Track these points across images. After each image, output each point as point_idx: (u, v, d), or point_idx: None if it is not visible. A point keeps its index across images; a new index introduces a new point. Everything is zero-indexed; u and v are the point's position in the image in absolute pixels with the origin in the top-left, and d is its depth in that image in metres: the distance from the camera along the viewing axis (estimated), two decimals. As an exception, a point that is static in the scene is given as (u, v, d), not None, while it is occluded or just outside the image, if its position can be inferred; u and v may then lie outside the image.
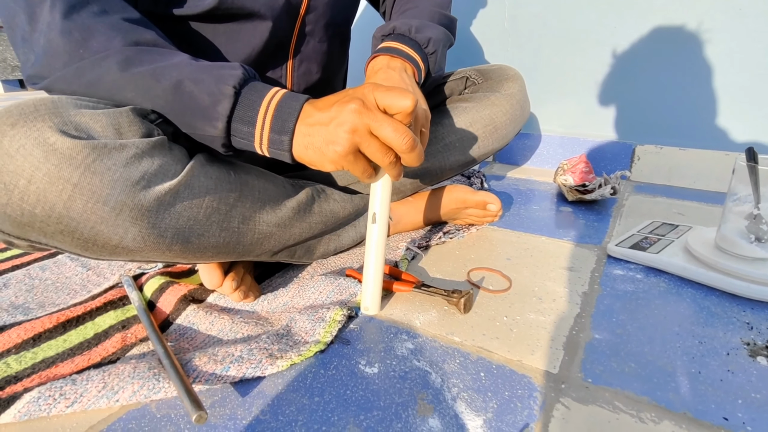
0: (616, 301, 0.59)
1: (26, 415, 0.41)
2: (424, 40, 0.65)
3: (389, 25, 0.66)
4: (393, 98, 0.44)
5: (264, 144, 0.47)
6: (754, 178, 0.58)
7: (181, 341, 0.53)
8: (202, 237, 0.47)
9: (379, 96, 0.45)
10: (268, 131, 0.46)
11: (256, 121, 0.46)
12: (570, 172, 0.97)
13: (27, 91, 2.30)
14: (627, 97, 1.10)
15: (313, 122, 0.45)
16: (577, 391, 0.44)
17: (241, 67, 0.47)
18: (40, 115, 0.38)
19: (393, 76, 0.59)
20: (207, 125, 0.46)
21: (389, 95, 0.44)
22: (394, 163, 0.46)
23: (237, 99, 0.45)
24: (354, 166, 0.46)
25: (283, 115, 0.46)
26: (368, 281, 0.56)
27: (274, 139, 0.46)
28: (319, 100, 0.47)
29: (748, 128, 1.00)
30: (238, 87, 0.45)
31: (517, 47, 1.21)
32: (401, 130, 0.44)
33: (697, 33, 0.99)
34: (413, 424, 0.41)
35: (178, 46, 0.50)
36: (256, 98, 0.46)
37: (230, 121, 0.46)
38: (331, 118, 0.44)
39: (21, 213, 0.37)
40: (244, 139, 0.47)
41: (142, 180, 0.41)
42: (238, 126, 0.46)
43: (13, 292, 0.63)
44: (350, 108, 0.43)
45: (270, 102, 0.46)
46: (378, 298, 0.56)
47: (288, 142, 0.46)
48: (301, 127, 0.46)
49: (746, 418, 0.40)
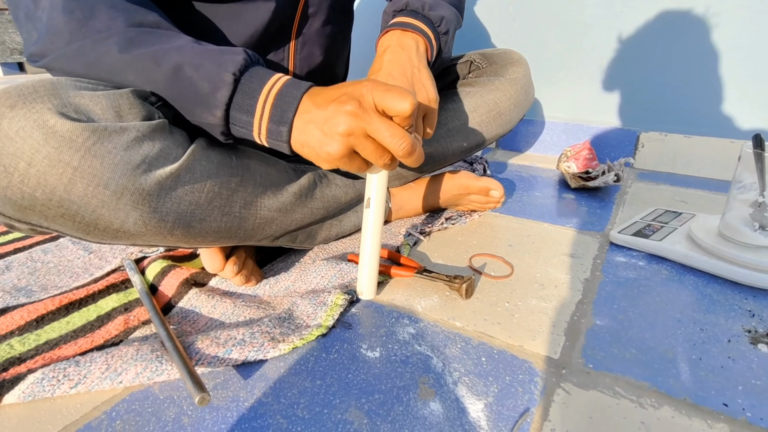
0: (617, 288, 0.59)
1: (30, 396, 0.42)
2: (438, 18, 0.63)
3: (402, 1, 0.64)
4: (391, 100, 0.42)
5: (263, 134, 0.46)
6: (760, 165, 0.58)
7: (183, 324, 0.53)
8: (204, 222, 0.47)
9: (378, 96, 0.43)
10: (267, 121, 0.45)
11: (255, 109, 0.44)
12: (573, 158, 0.96)
13: (26, 74, 2.29)
14: (632, 83, 1.09)
15: (309, 120, 0.44)
16: (577, 376, 0.44)
17: (244, 52, 0.45)
18: (39, 96, 0.37)
19: (401, 57, 0.58)
20: (206, 112, 0.45)
21: (388, 96, 0.42)
22: (389, 163, 0.45)
23: (236, 86, 0.44)
24: (349, 166, 0.45)
25: (282, 104, 0.44)
26: (363, 266, 0.56)
27: (272, 129, 0.45)
28: (318, 93, 0.45)
29: (754, 115, 0.99)
30: (239, 73, 0.44)
31: (522, 31, 1.19)
32: (398, 135, 0.43)
33: (705, 18, 0.97)
34: (414, 407, 0.41)
35: (179, 28, 0.49)
36: (256, 86, 0.44)
37: (229, 109, 0.45)
38: (327, 119, 0.43)
39: (21, 196, 0.37)
40: (243, 127, 0.46)
41: (143, 164, 0.41)
42: (236, 114, 0.45)
43: (16, 275, 0.64)
44: (346, 109, 0.42)
45: (270, 90, 0.44)
46: (373, 283, 0.57)
47: (287, 132, 0.45)
48: (299, 122, 0.44)
49: (746, 404, 0.40)
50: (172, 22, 0.50)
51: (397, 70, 0.57)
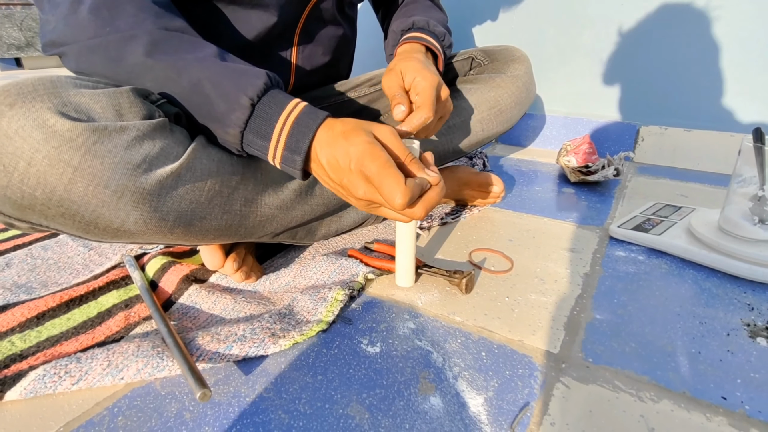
0: (617, 282, 0.59)
1: (32, 393, 0.42)
2: (442, 34, 0.68)
3: (408, 20, 0.69)
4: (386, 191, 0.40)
5: (277, 159, 0.46)
6: (760, 159, 0.58)
7: (183, 320, 0.53)
8: (205, 220, 0.47)
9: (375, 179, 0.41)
10: (282, 148, 0.45)
11: (272, 136, 0.45)
12: (573, 153, 0.96)
13: (23, 69, 2.27)
14: (632, 76, 1.09)
15: (328, 179, 0.45)
16: (577, 370, 0.44)
17: (266, 75, 0.45)
18: (38, 95, 0.37)
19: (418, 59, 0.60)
20: (221, 130, 0.45)
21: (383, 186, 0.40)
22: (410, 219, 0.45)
23: (253, 110, 0.44)
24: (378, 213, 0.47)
25: (299, 133, 0.44)
26: (399, 256, 0.58)
27: (287, 157, 0.45)
28: (333, 132, 0.44)
29: (754, 109, 0.98)
30: (257, 98, 0.44)
31: (522, 25, 1.19)
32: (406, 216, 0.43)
33: (705, 10, 0.97)
34: (415, 402, 0.41)
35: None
36: (273, 112, 0.44)
37: (244, 131, 0.45)
38: (340, 181, 0.43)
39: (21, 196, 0.37)
40: (258, 150, 0.46)
41: (144, 163, 0.40)
42: (252, 137, 0.45)
43: (16, 272, 0.64)
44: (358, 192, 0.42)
45: (288, 117, 0.44)
46: (411, 272, 0.59)
47: (301, 161, 0.45)
48: (317, 165, 0.45)
49: (745, 397, 0.41)
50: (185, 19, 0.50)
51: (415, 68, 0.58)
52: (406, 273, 0.59)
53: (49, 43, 0.47)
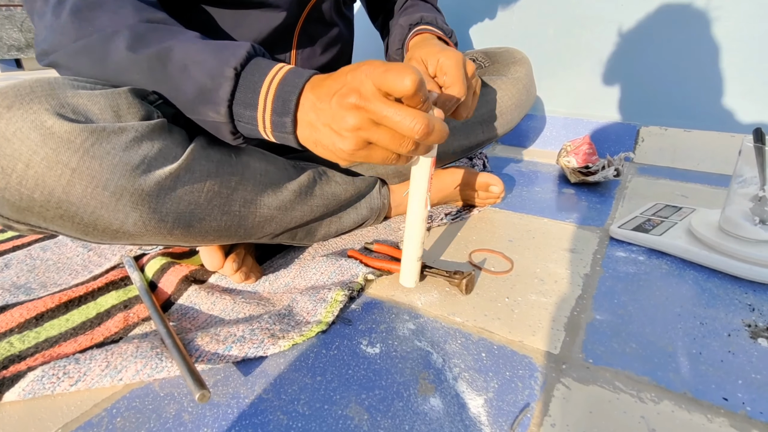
0: (617, 283, 0.59)
1: (30, 394, 0.42)
2: (449, 31, 0.69)
3: (415, 15, 0.69)
4: (391, 80, 0.38)
5: (268, 128, 0.43)
6: (760, 159, 0.57)
7: (183, 321, 0.53)
8: (204, 221, 0.47)
9: (377, 79, 0.39)
10: (270, 113, 0.42)
11: (258, 103, 0.42)
12: (573, 153, 0.96)
13: (23, 71, 2.27)
14: (632, 77, 1.09)
15: (317, 117, 0.41)
16: (577, 371, 0.44)
17: (249, 45, 0.44)
18: (36, 97, 0.37)
19: (436, 44, 0.60)
20: (210, 110, 0.43)
21: (387, 77, 0.38)
22: (413, 149, 0.41)
23: (238, 81, 0.42)
24: (371, 158, 0.42)
25: (284, 94, 0.42)
26: (404, 256, 0.57)
27: (276, 121, 0.43)
28: (320, 83, 0.42)
29: (755, 109, 0.98)
30: (240, 67, 0.42)
31: (521, 25, 1.18)
32: (408, 116, 0.39)
33: (705, 10, 0.97)
34: (414, 403, 0.41)
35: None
36: (258, 78, 0.42)
37: (232, 106, 0.43)
38: (333, 116, 0.40)
39: (20, 198, 0.37)
40: (249, 123, 0.44)
41: (142, 164, 0.40)
42: (240, 110, 0.43)
43: (15, 273, 0.63)
44: (348, 102, 0.39)
45: (272, 82, 0.42)
46: (414, 273, 0.58)
47: (291, 123, 0.42)
48: (306, 117, 0.42)
49: (746, 398, 0.40)
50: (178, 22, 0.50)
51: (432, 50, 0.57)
52: (411, 272, 0.57)
53: (41, 53, 0.46)
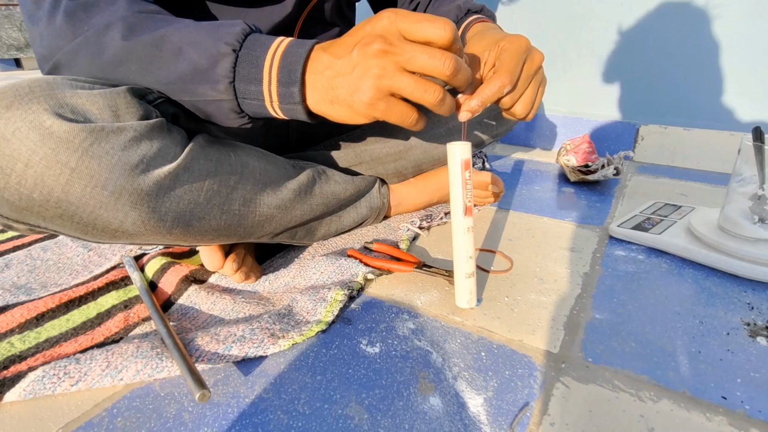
0: (617, 282, 0.59)
1: (31, 394, 0.42)
2: (492, 15, 0.66)
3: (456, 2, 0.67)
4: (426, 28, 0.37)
5: (275, 101, 0.43)
6: (759, 158, 0.57)
7: (183, 321, 0.53)
8: (203, 220, 0.47)
9: (405, 26, 0.38)
10: (276, 85, 0.42)
11: (262, 76, 0.42)
12: (573, 152, 0.96)
13: (23, 70, 2.27)
14: (631, 75, 1.09)
15: (333, 74, 0.40)
16: (577, 370, 0.44)
17: (243, 22, 0.43)
18: (35, 97, 0.37)
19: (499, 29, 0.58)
20: (209, 89, 0.43)
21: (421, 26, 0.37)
22: (441, 98, 0.40)
23: (237, 57, 0.42)
24: (390, 114, 0.41)
25: (289, 64, 0.41)
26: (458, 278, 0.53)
27: (283, 93, 0.42)
28: (332, 44, 0.42)
29: (754, 108, 0.98)
30: (238, 44, 0.42)
31: (521, 24, 1.18)
32: (437, 54, 0.37)
33: (705, 9, 0.97)
34: (414, 402, 0.41)
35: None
36: (259, 53, 0.42)
37: (234, 83, 0.43)
38: (354, 65, 0.39)
39: (19, 197, 0.37)
40: (254, 99, 0.43)
41: (141, 163, 0.40)
42: (243, 86, 0.43)
43: (15, 273, 0.64)
44: (373, 50, 0.38)
45: (275, 53, 0.42)
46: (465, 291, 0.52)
47: (299, 92, 0.42)
48: (318, 78, 0.41)
49: (745, 396, 0.41)
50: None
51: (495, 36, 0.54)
52: (459, 291, 0.53)
53: (41, 59, 0.47)
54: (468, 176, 0.49)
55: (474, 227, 0.50)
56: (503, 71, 0.47)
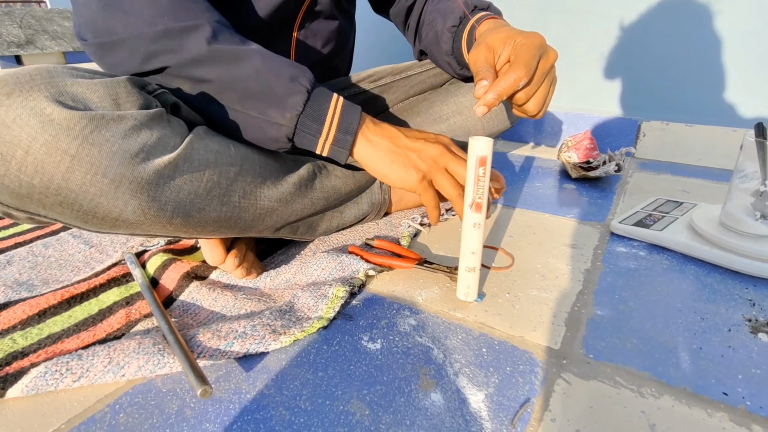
0: (618, 278, 0.59)
1: (34, 390, 0.42)
2: (497, 11, 0.68)
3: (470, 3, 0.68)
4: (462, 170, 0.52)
5: (328, 141, 0.52)
6: (762, 154, 0.57)
7: (184, 317, 0.53)
8: (203, 211, 0.47)
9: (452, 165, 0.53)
10: (335, 130, 0.51)
11: (325, 119, 0.51)
12: (574, 148, 0.96)
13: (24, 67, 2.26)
14: (633, 71, 1.08)
15: (402, 145, 0.54)
16: (578, 366, 0.44)
17: (310, 70, 0.52)
18: (35, 84, 0.37)
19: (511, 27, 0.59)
20: (277, 113, 0.49)
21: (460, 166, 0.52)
22: (460, 195, 0.52)
23: (309, 96, 0.50)
24: (425, 194, 0.54)
25: (348, 117, 0.52)
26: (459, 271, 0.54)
27: (339, 138, 0.52)
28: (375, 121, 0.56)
29: (756, 104, 0.98)
30: (310, 87, 0.50)
31: (522, 19, 1.18)
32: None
33: (708, 4, 0.96)
34: (416, 398, 0.41)
35: None
36: (324, 99, 0.51)
37: (300, 115, 0.50)
38: (418, 149, 0.53)
39: (19, 184, 0.37)
40: (310, 134, 0.51)
41: (141, 152, 0.40)
42: (307, 121, 0.50)
43: (17, 269, 0.64)
44: (436, 148, 0.53)
45: (336, 104, 0.51)
46: (465, 285, 0.54)
47: (351, 142, 0.52)
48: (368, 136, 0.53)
49: (746, 393, 0.41)
50: None
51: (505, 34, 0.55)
52: (460, 284, 0.54)
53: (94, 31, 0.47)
54: (482, 173, 0.48)
55: (483, 225, 0.51)
56: (519, 64, 0.48)
